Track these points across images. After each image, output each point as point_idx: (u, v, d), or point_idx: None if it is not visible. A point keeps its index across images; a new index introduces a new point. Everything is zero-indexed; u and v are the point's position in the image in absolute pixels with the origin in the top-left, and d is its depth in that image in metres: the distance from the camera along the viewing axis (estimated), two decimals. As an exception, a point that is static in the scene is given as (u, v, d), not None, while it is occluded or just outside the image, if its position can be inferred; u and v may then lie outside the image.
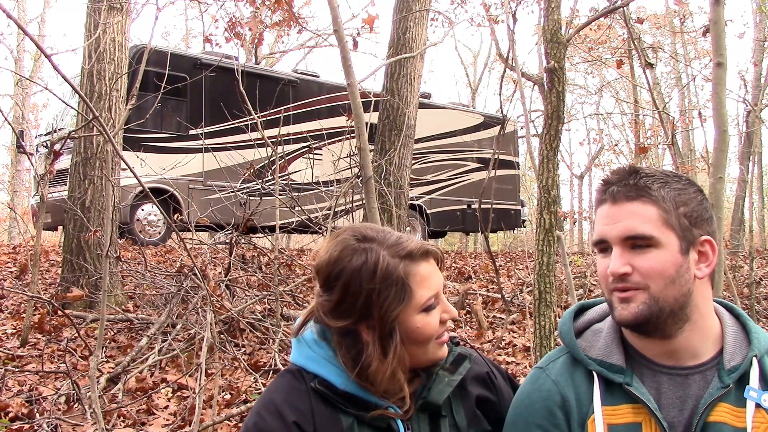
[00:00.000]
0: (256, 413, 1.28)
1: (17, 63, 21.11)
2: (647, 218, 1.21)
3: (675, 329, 1.24)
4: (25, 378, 3.72)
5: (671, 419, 1.22)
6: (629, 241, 1.22)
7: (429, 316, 1.28)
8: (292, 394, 1.29)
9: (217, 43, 9.95)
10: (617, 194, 1.24)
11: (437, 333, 1.30)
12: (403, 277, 1.26)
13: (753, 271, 6.61)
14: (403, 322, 1.26)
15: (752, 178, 17.39)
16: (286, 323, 4.89)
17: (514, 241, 19.01)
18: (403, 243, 1.30)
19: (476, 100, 27.61)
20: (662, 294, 1.20)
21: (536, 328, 2.94)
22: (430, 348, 1.30)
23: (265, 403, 1.29)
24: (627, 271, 1.21)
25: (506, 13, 4.69)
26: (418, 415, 1.31)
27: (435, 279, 1.30)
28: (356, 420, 1.26)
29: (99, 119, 2.65)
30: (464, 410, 1.36)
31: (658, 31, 20.32)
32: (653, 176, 1.25)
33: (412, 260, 1.28)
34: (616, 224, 1.23)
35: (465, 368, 1.37)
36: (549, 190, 2.98)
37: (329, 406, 1.27)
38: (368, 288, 1.24)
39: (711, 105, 3.36)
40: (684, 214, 1.23)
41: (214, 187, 9.22)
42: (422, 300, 1.27)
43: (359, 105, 3.27)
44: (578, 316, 1.42)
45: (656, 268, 1.20)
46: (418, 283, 1.27)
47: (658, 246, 1.20)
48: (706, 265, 1.25)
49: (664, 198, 1.22)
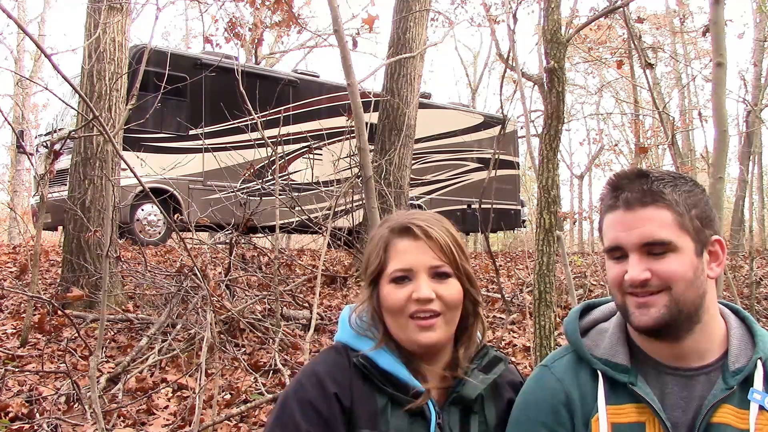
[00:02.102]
0: (298, 382, 1.34)
1: (17, 63, 21.10)
2: (664, 223, 1.21)
3: (686, 331, 1.24)
4: (25, 378, 3.72)
5: (675, 419, 1.22)
6: (647, 247, 1.21)
7: (396, 288, 1.35)
8: (335, 367, 1.35)
9: (217, 43, 9.96)
10: (631, 200, 1.23)
11: (404, 307, 1.34)
12: (384, 246, 1.39)
13: (753, 271, 6.61)
14: (379, 287, 1.39)
15: (752, 178, 17.40)
16: (286, 323, 4.89)
17: (514, 241, 19.02)
18: (397, 218, 1.43)
19: (476, 100, 27.60)
20: (683, 297, 1.21)
21: (536, 328, 2.94)
22: (406, 326, 1.35)
23: (308, 373, 1.35)
24: (647, 277, 1.21)
25: (506, 13, 4.69)
26: (449, 407, 1.35)
27: (411, 256, 1.36)
28: (391, 401, 1.32)
29: (99, 119, 2.65)
30: (495, 411, 1.39)
31: (658, 31, 20.31)
32: (663, 179, 1.24)
33: (393, 233, 1.40)
34: (632, 231, 1.22)
35: (500, 369, 1.41)
36: (549, 190, 2.98)
37: (368, 384, 1.33)
38: (368, 252, 1.43)
39: (711, 105, 3.36)
40: (696, 215, 1.23)
41: (214, 187, 9.23)
42: (390, 270, 1.37)
43: (359, 105, 3.27)
44: (584, 315, 1.42)
45: (678, 272, 1.20)
46: (391, 255, 1.38)
47: (676, 250, 1.20)
48: (717, 264, 1.25)
49: (677, 201, 1.22)
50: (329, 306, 5.73)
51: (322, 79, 12.20)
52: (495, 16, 9.58)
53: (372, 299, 1.40)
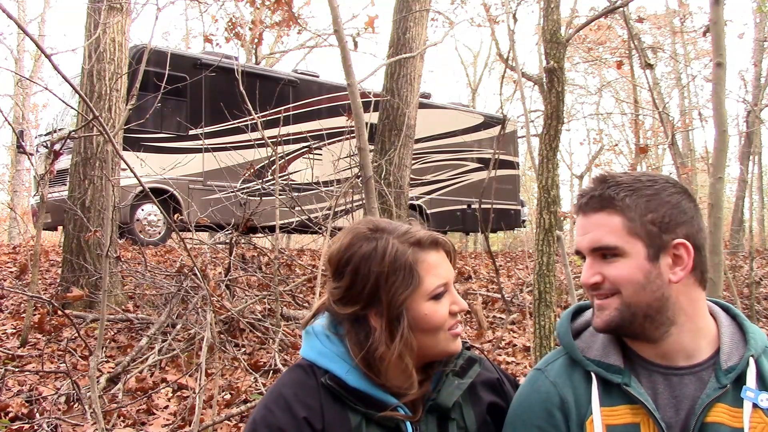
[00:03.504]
0: (265, 407, 1.26)
1: (17, 63, 21.09)
2: (612, 229, 1.24)
3: (658, 333, 1.25)
4: (25, 378, 3.72)
5: (668, 419, 1.22)
6: (598, 251, 1.25)
7: (437, 304, 1.27)
8: (303, 389, 1.27)
9: (217, 43, 9.96)
10: (585, 206, 1.28)
11: (445, 322, 1.28)
12: (411, 263, 1.26)
13: (753, 271, 6.61)
14: (411, 308, 1.26)
15: (752, 178, 17.39)
16: (286, 323, 4.89)
17: (514, 241, 19.02)
18: (413, 232, 1.30)
19: (476, 100, 27.60)
20: (633, 300, 1.23)
21: (536, 328, 2.95)
22: (441, 339, 1.29)
23: (275, 397, 1.27)
24: (597, 280, 1.25)
25: (506, 13, 4.69)
26: (426, 417, 1.30)
27: (444, 269, 1.30)
28: (365, 419, 1.25)
29: (99, 119, 2.64)
30: (474, 414, 1.35)
31: (658, 31, 20.31)
32: (621, 185, 1.26)
33: (421, 248, 1.28)
34: (585, 236, 1.27)
35: (475, 372, 1.37)
36: (549, 190, 2.98)
37: (339, 404, 1.26)
38: (377, 272, 1.25)
39: (711, 105, 3.36)
40: (651, 221, 1.23)
41: (214, 187, 9.23)
42: (431, 287, 1.27)
43: (359, 105, 3.27)
44: (576, 317, 1.42)
45: (624, 276, 1.23)
46: (426, 270, 1.27)
47: (624, 255, 1.23)
48: (681, 268, 1.24)
49: (630, 206, 1.24)
50: (329, 306, 5.72)
51: (322, 79, 12.20)
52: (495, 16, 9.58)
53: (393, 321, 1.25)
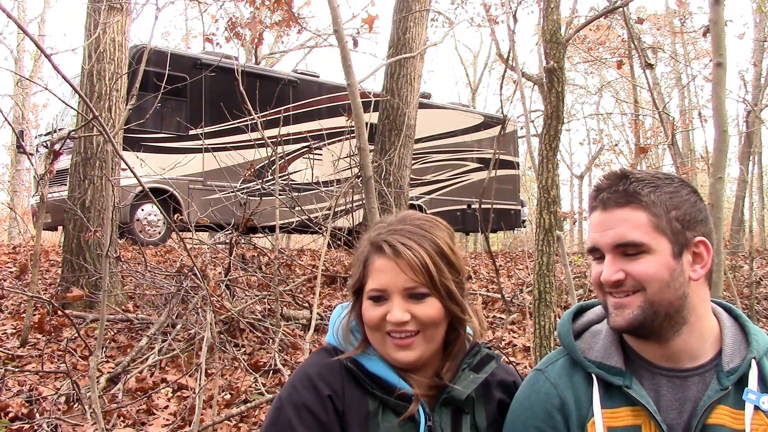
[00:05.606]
0: (291, 385, 1.32)
1: (17, 63, 21.10)
2: (637, 224, 1.21)
3: (672, 332, 1.23)
4: (25, 378, 3.72)
5: (670, 421, 1.21)
6: (620, 248, 1.21)
7: (373, 306, 1.33)
8: (327, 369, 1.33)
9: (217, 43, 9.95)
10: (607, 201, 1.24)
11: (380, 325, 1.32)
12: (365, 259, 1.36)
13: (753, 271, 6.62)
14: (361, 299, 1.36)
15: (752, 178, 17.39)
16: (286, 323, 4.89)
17: (514, 241, 19.01)
18: (380, 231, 1.37)
19: (476, 100, 27.61)
20: (657, 298, 1.20)
21: (536, 328, 2.95)
22: (383, 341, 1.33)
23: (300, 377, 1.33)
24: (620, 278, 1.21)
25: (506, 13, 4.69)
26: (440, 408, 1.34)
27: (386, 276, 1.31)
28: (381, 404, 1.30)
29: (99, 119, 2.64)
30: (486, 412, 1.38)
31: (658, 31, 20.31)
32: (643, 180, 1.24)
33: (375, 249, 1.35)
34: (606, 232, 1.22)
35: (490, 368, 1.38)
36: (549, 190, 2.98)
37: (359, 388, 1.32)
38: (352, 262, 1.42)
39: (711, 105, 3.35)
40: (676, 217, 1.22)
41: (214, 187, 9.23)
42: (368, 288, 1.34)
43: (359, 105, 3.27)
44: (577, 317, 1.41)
45: (650, 273, 1.20)
46: (370, 272, 1.35)
47: (650, 252, 1.20)
48: (701, 266, 1.24)
49: (654, 202, 1.22)
50: (329, 306, 5.73)
51: (322, 79, 12.20)
52: (495, 16, 9.58)
53: (355, 309, 1.39)
